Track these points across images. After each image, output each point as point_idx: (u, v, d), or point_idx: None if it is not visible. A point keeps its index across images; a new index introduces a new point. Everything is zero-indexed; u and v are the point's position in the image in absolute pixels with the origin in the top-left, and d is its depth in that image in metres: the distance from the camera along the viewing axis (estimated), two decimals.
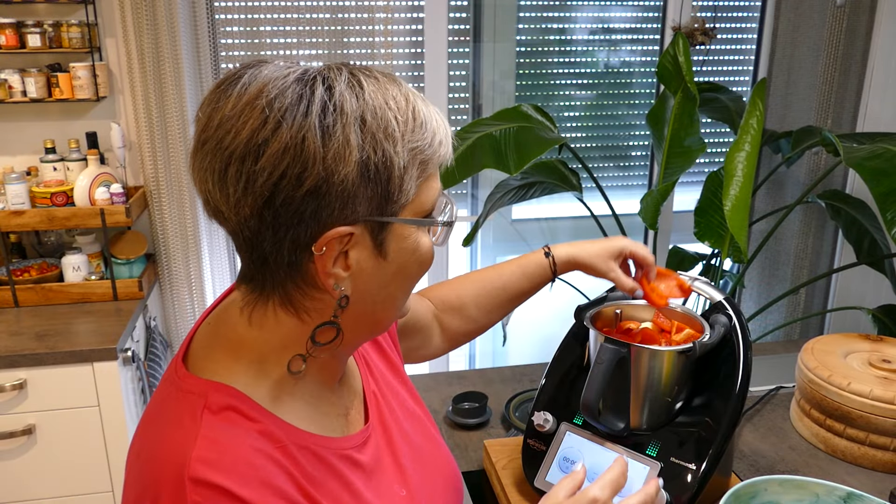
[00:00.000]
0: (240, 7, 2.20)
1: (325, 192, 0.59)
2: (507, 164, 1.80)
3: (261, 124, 0.58)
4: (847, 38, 2.37)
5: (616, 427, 1.05)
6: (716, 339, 1.03)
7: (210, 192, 0.62)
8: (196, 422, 0.61)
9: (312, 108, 0.59)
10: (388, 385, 0.86)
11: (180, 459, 0.59)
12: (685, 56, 1.98)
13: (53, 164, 2.05)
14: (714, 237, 1.98)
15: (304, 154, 0.58)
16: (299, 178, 0.58)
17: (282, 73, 0.61)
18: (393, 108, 0.62)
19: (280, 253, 0.62)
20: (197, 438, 0.60)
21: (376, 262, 0.65)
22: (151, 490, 0.60)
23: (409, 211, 0.65)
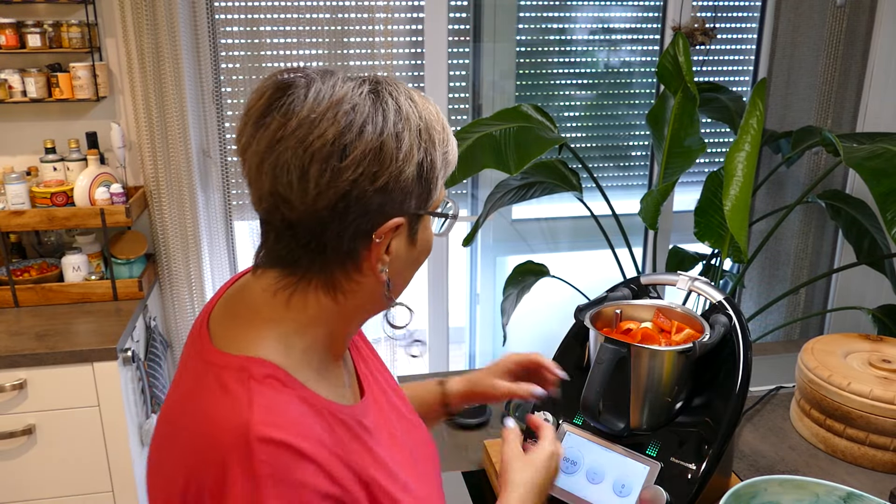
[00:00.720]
0: (240, 7, 2.20)
1: (391, 188, 0.69)
2: (507, 164, 1.80)
3: (346, 128, 0.66)
4: (847, 38, 2.37)
5: (616, 427, 1.05)
6: (716, 339, 1.03)
7: (284, 186, 0.67)
8: (246, 390, 0.66)
9: (389, 116, 0.68)
10: (376, 367, 0.92)
11: (241, 424, 0.64)
12: (685, 56, 1.98)
13: (53, 164, 2.05)
14: (714, 237, 1.98)
15: (381, 155, 0.67)
16: (375, 176, 0.67)
17: (356, 84, 0.69)
18: (434, 119, 0.73)
19: (341, 241, 0.70)
20: (252, 404, 0.65)
21: (408, 249, 0.75)
22: (213, 458, 0.64)
23: (435, 204, 0.75)
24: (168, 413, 0.73)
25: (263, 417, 0.64)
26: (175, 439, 0.69)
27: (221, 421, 0.65)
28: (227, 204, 2.34)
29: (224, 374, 0.68)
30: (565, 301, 2.07)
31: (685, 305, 1.14)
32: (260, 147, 0.68)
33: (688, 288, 1.14)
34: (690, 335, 1.08)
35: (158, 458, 0.72)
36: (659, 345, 1.06)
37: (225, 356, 0.70)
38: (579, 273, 2.50)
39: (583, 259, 2.79)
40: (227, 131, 2.29)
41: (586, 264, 2.76)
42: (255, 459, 0.62)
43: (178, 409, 0.71)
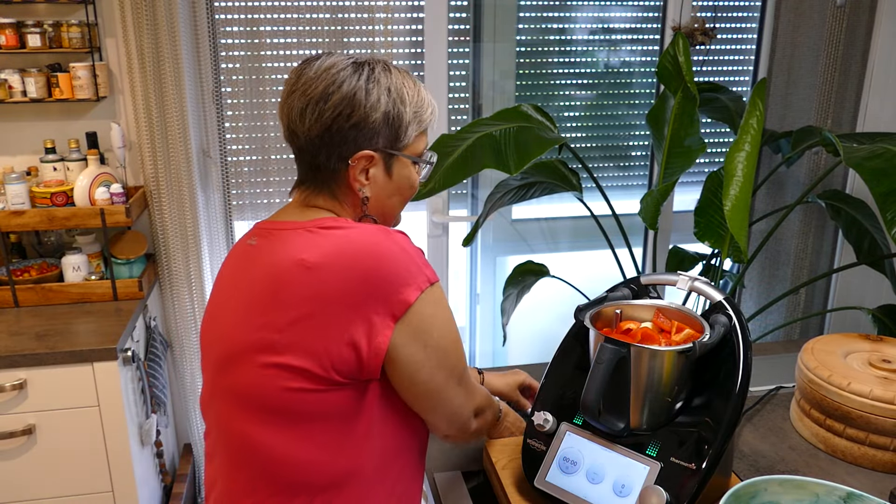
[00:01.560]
0: (240, 7, 2.20)
1: (362, 127, 0.99)
2: (507, 164, 1.80)
3: (331, 83, 0.98)
4: (847, 38, 2.37)
5: (616, 427, 1.05)
6: (716, 339, 1.03)
7: (293, 121, 1.00)
8: (350, 223, 0.99)
9: (362, 77, 0.99)
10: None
11: (378, 230, 0.96)
12: (685, 56, 1.98)
13: (53, 164, 2.05)
14: (714, 237, 1.98)
15: (353, 102, 0.98)
16: (349, 116, 0.98)
17: (344, 58, 1.01)
18: (408, 87, 1.02)
19: (329, 162, 1.00)
20: (363, 225, 0.99)
21: (385, 179, 1.04)
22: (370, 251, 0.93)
23: (408, 150, 1.04)
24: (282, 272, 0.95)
25: (382, 227, 0.98)
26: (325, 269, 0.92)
27: (365, 236, 0.95)
28: (227, 204, 2.34)
29: (321, 222, 0.99)
30: (565, 301, 2.07)
31: (685, 305, 1.14)
32: (284, 96, 1.02)
33: (688, 288, 1.13)
34: (690, 335, 1.08)
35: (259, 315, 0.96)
36: (659, 345, 1.06)
37: (308, 222, 0.99)
38: (579, 273, 2.50)
39: (583, 259, 2.79)
40: (227, 131, 2.29)
41: (586, 264, 2.76)
42: (398, 238, 0.96)
43: (298, 258, 0.94)
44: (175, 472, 2.38)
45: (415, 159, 1.05)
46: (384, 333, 0.92)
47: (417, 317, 0.94)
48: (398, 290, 0.93)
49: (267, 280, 0.96)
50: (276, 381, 0.93)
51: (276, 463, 0.96)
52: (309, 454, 0.95)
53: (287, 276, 0.94)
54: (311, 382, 0.93)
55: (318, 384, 0.93)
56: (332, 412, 0.95)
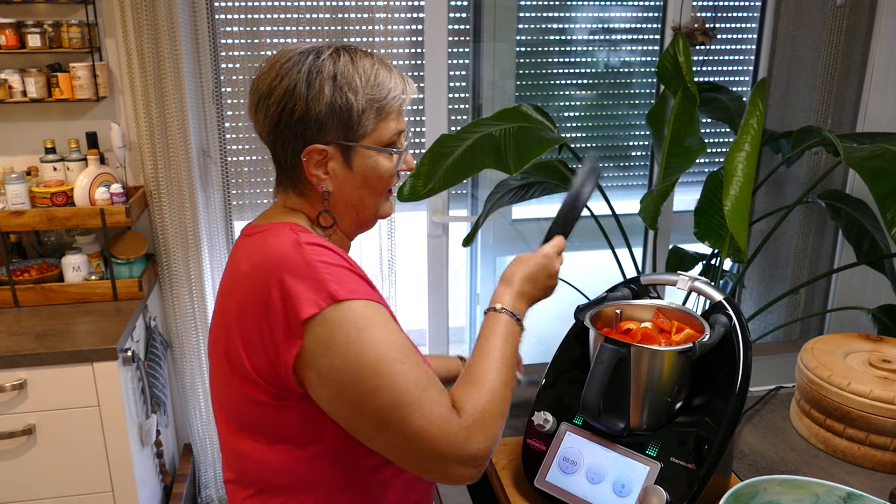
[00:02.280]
0: (240, 7, 2.20)
1: (308, 120, 0.94)
2: (507, 164, 1.80)
3: (275, 76, 0.94)
4: (847, 38, 2.37)
5: (616, 427, 1.05)
6: (716, 339, 1.03)
7: (253, 118, 0.98)
8: (291, 230, 0.93)
9: (303, 68, 0.93)
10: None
11: (292, 240, 0.90)
12: (685, 56, 1.98)
13: (53, 164, 2.05)
14: (714, 237, 1.98)
15: (295, 95, 0.93)
16: (293, 111, 0.93)
17: (293, 46, 0.97)
18: (359, 73, 0.95)
19: (286, 157, 0.97)
20: (298, 233, 0.92)
21: (346, 171, 0.98)
22: (276, 262, 0.88)
23: (370, 139, 0.97)
24: (224, 284, 0.97)
25: (305, 237, 0.91)
26: (244, 277, 0.91)
27: (279, 244, 0.90)
28: (227, 204, 2.34)
29: (276, 228, 0.94)
30: (565, 301, 2.06)
31: (685, 305, 1.14)
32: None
33: (688, 288, 1.14)
34: (690, 335, 1.08)
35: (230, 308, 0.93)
36: (659, 345, 1.06)
37: (271, 224, 0.96)
38: (579, 273, 2.50)
39: (583, 259, 2.78)
40: (227, 131, 2.29)
41: (586, 264, 2.76)
42: (305, 249, 0.89)
43: (238, 267, 0.94)
44: (175, 472, 2.38)
45: (377, 149, 0.98)
46: (288, 352, 0.87)
47: (311, 337, 0.86)
48: (294, 305, 0.85)
49: (226, 289, 0.96)
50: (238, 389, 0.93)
51: (253, 466, 0.96)
52: (283, 463, 0.94)
53: (234, 286, 0.94)
54: (265, 395, 0.90)
55: (270, 397, 0.90)
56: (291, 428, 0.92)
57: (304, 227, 0.97)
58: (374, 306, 0.89)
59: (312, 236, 0.92)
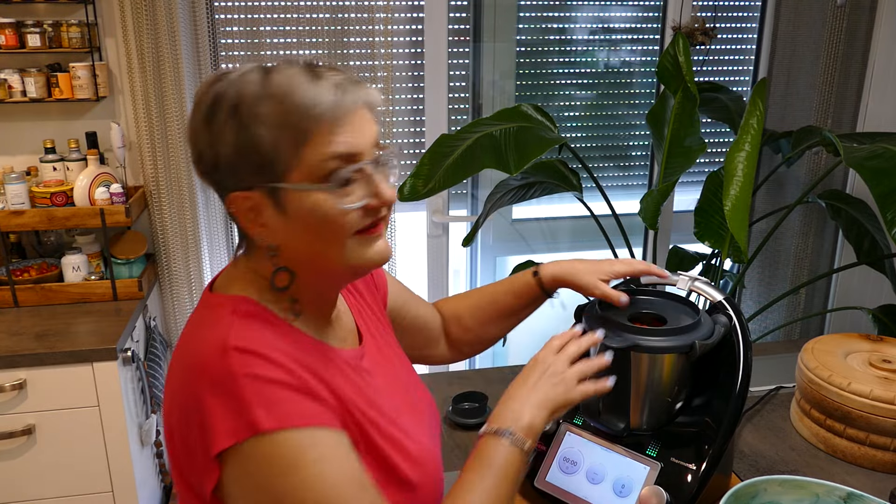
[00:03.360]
0: (240, 7, 2.20)
1: (219, 167, 0.76)
2: (507, 164, 1.80)
3: (191, 115, 0.79)
4: (847, 38, 2.37)
5: (616, 427, 1.05)
6: (716, 339, 1.03)
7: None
8: (228, 320, 0.77)
9: (204, 104, 0.77)
10: (378, 331, 1.00)
11: (221, 340, 0.74)
12: (685, 56, 1.98)
13: (53, 164, 2.05)
14: (714, 237, 1.98)
15: (200, 140, 0.77)
16: (200, 158, 0.78)
17: (209, 78, 0.79)
18: (268, 92, 0.74)
19: (225, 210, 0.80)
20: (231, 328, 0.75)
21: (283, 219, 0.77)
22: (197, 370, 0.73)
23: (300, 174, 0.75)
24: (174, 356, 0.81)
25: (240, 335, 0.74)
26: (174, 372, 0.78)
27: (206, 343, 0.75)
28: None
29: (214, 312, 0.79)
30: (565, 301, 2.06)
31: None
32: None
33: (688, 288, 1.13)
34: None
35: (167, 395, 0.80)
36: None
37: (218, 297, 0.82)
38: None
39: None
40: None
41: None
42: (231, 362, 0.72)
43: (179, 347, 0.80)
44: None
45: (307, 187, 0.75)
46: (205, 482, 0.73)
47: (228, 474, 0.71)
48: (209, 432, 0.71)
49: (169, 371, 0.82)
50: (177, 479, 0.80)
51: None
52: None
53: (169, 377, 0.80)
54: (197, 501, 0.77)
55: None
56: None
57: (255, 298, 0.80)
58: (311, 436, 0.72)
59: (248, 334, 0.75)
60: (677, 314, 1.09)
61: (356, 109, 0.77)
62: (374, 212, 0.79)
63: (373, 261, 0.81)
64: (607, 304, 1.11)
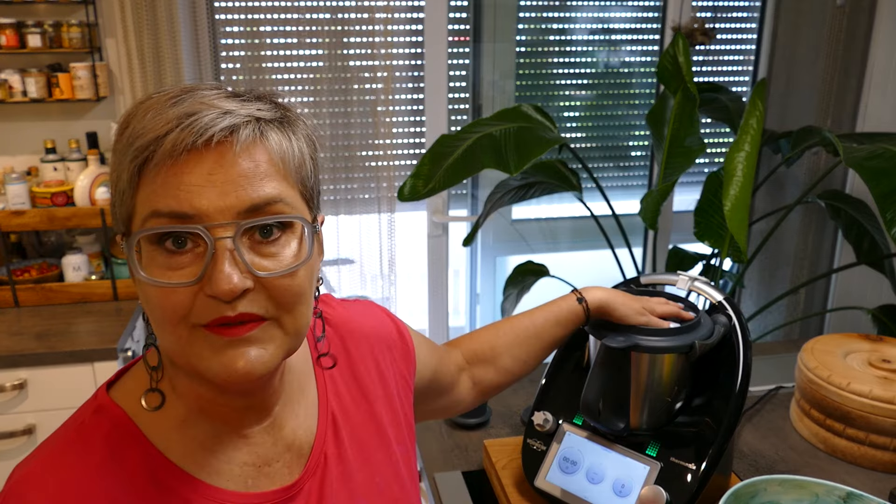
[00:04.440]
0: (240, 7, 2.20)
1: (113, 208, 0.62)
2: (507, 164, 1.80)
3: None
4: (847, 38, 2.37)
5: (616, 427, 1.05)
6: (716, 339, 1.03)
7: None
8: (66, 438, 0.63)
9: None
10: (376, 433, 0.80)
11: (17, 470, 0.61)
12: (685, 56, 1.98)
13: (54, 164, 2.05)
14: (714, 237, 1.98)
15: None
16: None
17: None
18: (130, 121, 0.59)
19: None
20: (40, 455, 0.62)
21: (136, 283, 0.61)
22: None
23: (132, 225, 0.60)
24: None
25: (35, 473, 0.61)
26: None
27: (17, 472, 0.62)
28: None
29: (80, 412, 0.66)
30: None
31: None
32: None
33: (688, 288, 1.14)
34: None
35: None
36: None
37: (96, 394, 0.66)
38: (579, 273, 2.50)
39: (583, 259, 2.79)
40: None
41: (586, 264, 2.76)
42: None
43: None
44: None
45: (121, 246, 0.61)
46: None
47: None
48: None
49: None
50: None
51: None
52: None
53: None
54: None
55: None
56: None
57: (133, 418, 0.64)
58: None
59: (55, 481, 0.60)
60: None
61: (205, 149, 0.57)
62: (213, 305, 0.58)
63: (224, 372, 0.59)
64: None
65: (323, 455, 0.73)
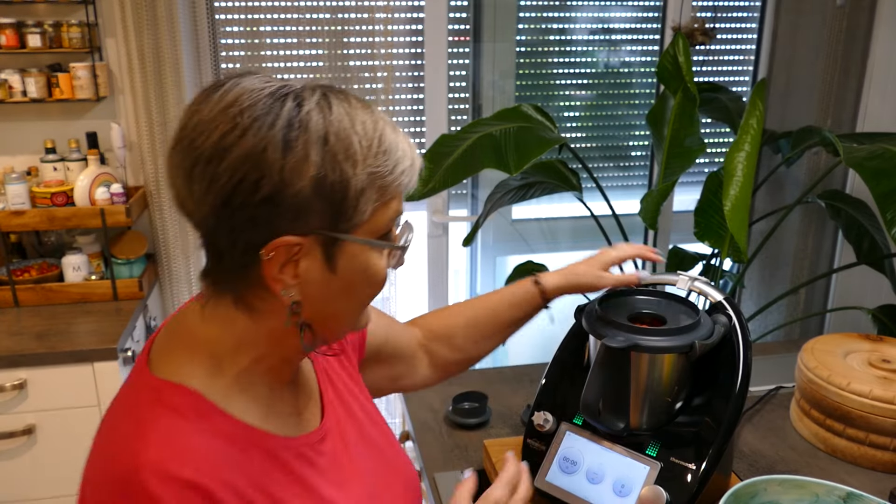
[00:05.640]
0: (240, 7, 2.20)
1: (279, 202, 0.62)
2: (507, 164, 1.80)
3: (229, 130, 0.62)
4: (847, 38, 2.37)
5: (616, 427, 1.05)
6: (716, 339, 1.03)
7: (178, 187, 0.66)
8: (149, 418, 0.65)
9: (278, 121, 0.62)
10: (349, 391, 0.88)
11: (132, 454, 0.62)
12: (685, 56, 1.98)
13: (53, 164, 2.05)
14: (714, 237, 1.98)
15: (263, 163, 0.61)
16: (256, 185, 0.62)
17: (258, 86, 0.64)
18: (358, 132, 0.64)
19: (234, 252, 0.65)
20: (149, 434, 0.64)
21: (325, 275, 0.67)
22: (106, 486, 0.63)
23: (363, 231, 0.67)
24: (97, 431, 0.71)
25: (162, 451, 0.63)
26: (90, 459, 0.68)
27: (119, 450, 0.64)
28: None
29: (141, 397, 0.68)
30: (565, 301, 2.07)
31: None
32: (169, 146, 0.67)
33: (688, 288, 1.14)
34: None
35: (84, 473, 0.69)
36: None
37: (150, 379, 0.69)
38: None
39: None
40: None
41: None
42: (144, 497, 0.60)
43: (101, 428, 0.70)
44: None
45: (375, 244, 0.69)
46: None
47: None
48: None
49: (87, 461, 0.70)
50: None
51: None
52: None
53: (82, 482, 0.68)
54: None
55: None
56: None
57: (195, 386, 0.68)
58: None
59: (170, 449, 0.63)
60: (677, 314, 1.09)
61: (416, 176, 0.72)
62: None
63: (362, 327, 0.78)
64: (607, 303, 1.11)
65: (328, 398, 0.83)
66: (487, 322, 1.12)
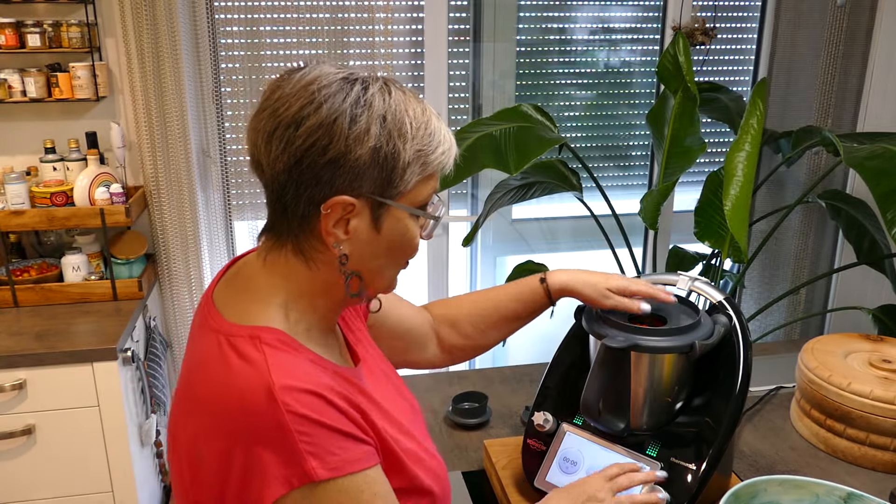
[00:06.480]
0: (240, 7, 2.20)
1: (341, 164, 0.75)
2: (507, 164, 1.80)
3: (308, 103, 0.75)
4: (847, 38, 2.37)
5: (616, 427, 1.05)
6: (716, 339, 1.03)
7: (257, 147, 0.78)
8: (261, 355, 0.74)
9: (348, 99, 0.75)
10: (364, 337, 1.00)
11: (264, 383, 0.72)
12: (685, 56, 1.98)
13: (53, 163, 2.05)
14: (714, 237, 1.98)
15: (332, 131, 0.74)
16: (325, 149, 0.74)
17: (333, 71, 0.78)
18: (410, 116, 0.78)
19: (297, 206, 0.77)
20: (270, 366, 0.73)
21: (371, 234, 0.80)
22: (237, 418, 0.72)
23: (406, 199, 0.80)
24: (185, 386, 0.80)
25: (283, 373, 0.73)
26: (201, 409, 0.76)
27: (245, 384, 0.73)
28: (226, 204, 2.34)
29: (239, 342, 0.76)
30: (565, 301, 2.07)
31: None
32: (253, 113, 0.80)
33: (688, 288, 1.13)
34: None
35: (184, 431, 0.78)
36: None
37: (236, 326, 0.78)
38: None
39: (583, 259, 2.78)
40: (227, 131, 2.29)
41: (586, 264, 2.75)
42: (282, 407, 0.71)
43: (196, 379, 0.78)
44: None
45: (414, 212, 0.81)
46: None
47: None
48: (257, 480, 0.71)
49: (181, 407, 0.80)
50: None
51: None
52: None
53: (177, 397, 0.81)
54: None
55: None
56: None
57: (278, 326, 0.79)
58: (363, 478, 0.75)
59: (289, 371, 0.74)
60: (677, 314, 1.09)
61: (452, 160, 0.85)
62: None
63: (393, 289, 0.90)
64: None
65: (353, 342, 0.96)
66: (492, 313, 1.18)
